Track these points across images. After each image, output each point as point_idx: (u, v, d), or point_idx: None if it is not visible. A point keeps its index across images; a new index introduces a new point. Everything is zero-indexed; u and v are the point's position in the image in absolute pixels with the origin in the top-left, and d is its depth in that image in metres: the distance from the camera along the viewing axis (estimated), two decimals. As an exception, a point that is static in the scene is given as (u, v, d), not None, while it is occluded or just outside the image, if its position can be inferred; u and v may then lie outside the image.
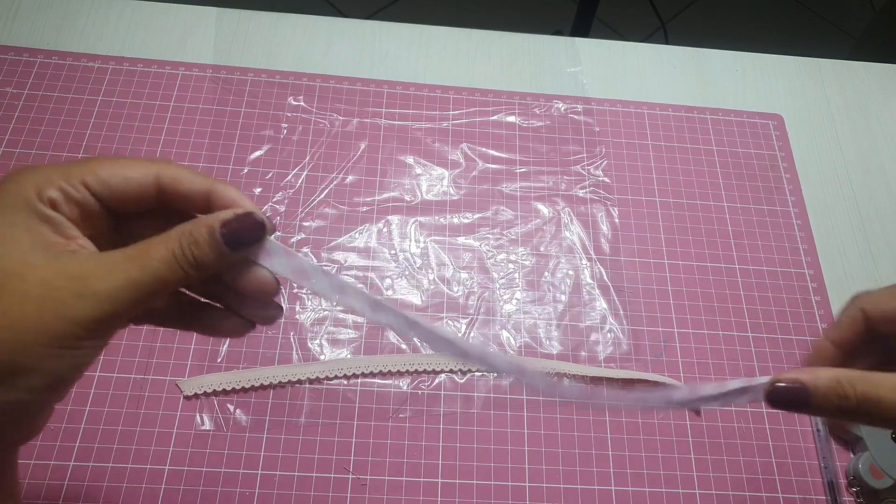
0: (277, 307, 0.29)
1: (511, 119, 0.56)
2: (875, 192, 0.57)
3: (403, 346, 0.46)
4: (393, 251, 0.49)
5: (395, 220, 0.51)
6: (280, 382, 0.43)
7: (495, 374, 0.29)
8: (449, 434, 0.43)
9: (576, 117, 0.57)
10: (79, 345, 0.23)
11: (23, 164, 0.49)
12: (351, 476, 0.41)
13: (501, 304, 0.48)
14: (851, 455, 0.44)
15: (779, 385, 0.27)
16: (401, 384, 0.45)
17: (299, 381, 0.44)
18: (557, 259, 0.50)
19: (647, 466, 0.43)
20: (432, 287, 0.48)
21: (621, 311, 0.48)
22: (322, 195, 0.51)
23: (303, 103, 0.55)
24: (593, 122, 0.57)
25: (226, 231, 0.25)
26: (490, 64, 0.60)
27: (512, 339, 0.47)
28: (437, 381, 0.45)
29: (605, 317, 0.48)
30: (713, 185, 0.55)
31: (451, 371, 0.45)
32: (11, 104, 0.52)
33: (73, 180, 0.25)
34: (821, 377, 0.27)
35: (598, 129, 0.56)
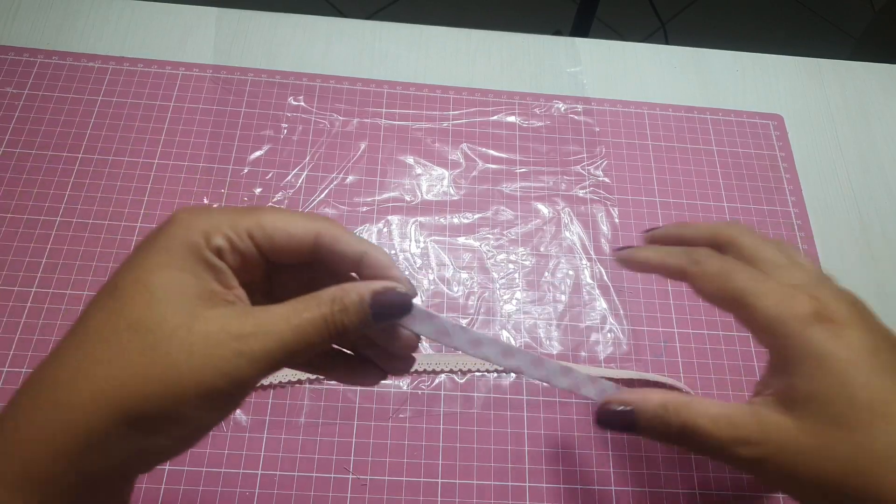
0: (412, 359, 0.30)
1: (511, 119, 0.56)
2: (875, 192, 0.57)
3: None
4: (393, 251, 0.49)
5: (395, 220, 0.51)
6: (280, 382, 0.43)
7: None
8: (449, 434, 0.43)
9: (576, 117, 0.57)
10: (230, 400, 0.24)
11: (34, 166, 0.49)
12: (351, 476, 0.41)
13: (501, 304, 0.48)
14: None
15: (608, 408, 0.28)
16: (401, 384, 0.45)
17: (299, 381, 0.44)
18: (557, 259, 0.50)
19: (647, 466, 0.43)
20: (432, 287, 0.48)
21: (621, 311, 0.48)
22: (322, 195, 0.51)
23: (303, 103, 0.55)
24: (593, 123, 0.57)
25: (375, 304, 0.26)
26: (490, 64, 0.60)
27: (512, 340, 0.47)
28: (437, 381, 0.45)
29: (605, 317, 0.48)
30: (713, 185, 0.55)
31: (450, 371, 0.45)
32: (11, 104, 0.52)
33: (239, 230, 0.25)
34: (650, 402, 0.28)
35: (598, 130, 0.57)
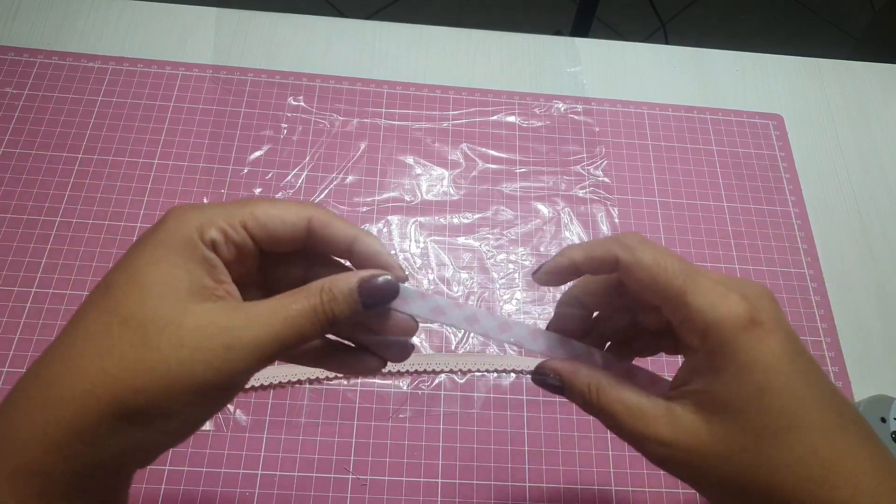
0: (411, 344, 0.30)
1: (511, 119, 0.56)
2: (875, 192, 0.57)
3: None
4: (393, 251, 0.49)
5: (395, 220, 0.51)
6: (280, 382, 0.43)
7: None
8: (449, 434, 0.43)
9: (576, 117, 0.57)
10: (221, 394, 0.24)
11: (34, 166, 0.49)
12: (351, 476, 0.41)
13: (501, 304, 0.48)
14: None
15: (542, 374, 0.29)
16: (401, 384, 0.45)
17: (299, 382, 0.44)
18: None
19: (647, 466, 0.43)
20: (432, 287, 0.48)
21: (621, 311, 0.48)
22: (322, 195, 0.51)
23: (303, 103, 0.55)
24: (593, 123, 0.57)
25: (363, 291, 0.26)
26: (490, 64, 0.60)
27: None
28: (437, 381, 0.45)
29: (605, 317, 0.48)
30: (713, 185, 0.55)
31: (450, 371, 0.45)
32: (11, 104, 0.52)
33: (234, 221, 0.26)
34: (578, 378, 0.28)
35: (597, 129, 0.57)
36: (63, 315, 0.44)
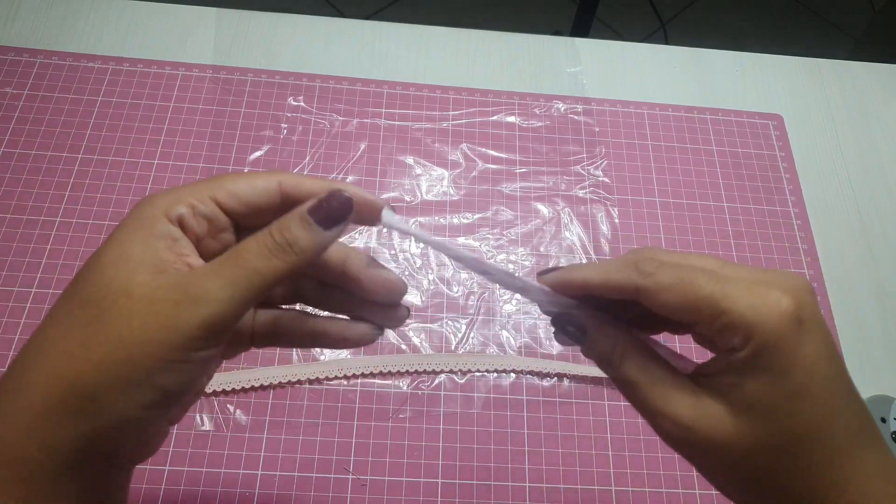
0: (405, 308, 0.29)
1: (511, 119, 0.56)
2: (875, 192, 0.57)
3: (403, 347, 0.46)
4: (393, 251, 0.49)
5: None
6: (280, 383, 0.43)
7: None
8: (449, 434, 0.43)
9: (576, 117, 0.57)
10: (185, 356, 0.23)
11: (34, 166, 0.49)
12: (351, 476, 0.41)
13: (501, 304, 0.48)
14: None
15: (564, 321, 0.27)
16: (401, 384, 0.45)
17: (299, 382, 0.44)
18: (557, 259, 0.50)
19: (647, 466, 0.43)
20: (432, 287, 0.48)
21: (621, 312, 0.48)
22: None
23: (303, 103, 0.55)
24: (593, 123, 0.57)
25: (313, 210, 0.25)
26: (490, 64, 0.60)
27: (512, 340, 0.47)
28: (436, 381, 0.45)
29: (605, 317, 0.48)
30: (713, 185, 0.55)
31: (450, 371, 0.45)
32: (11, 104, 0.52)
33: (201, 195, 0.26)
34: (606, 333, 0.27)
35: (597, 130, 0.56)
36: (63, 315, 0.44)
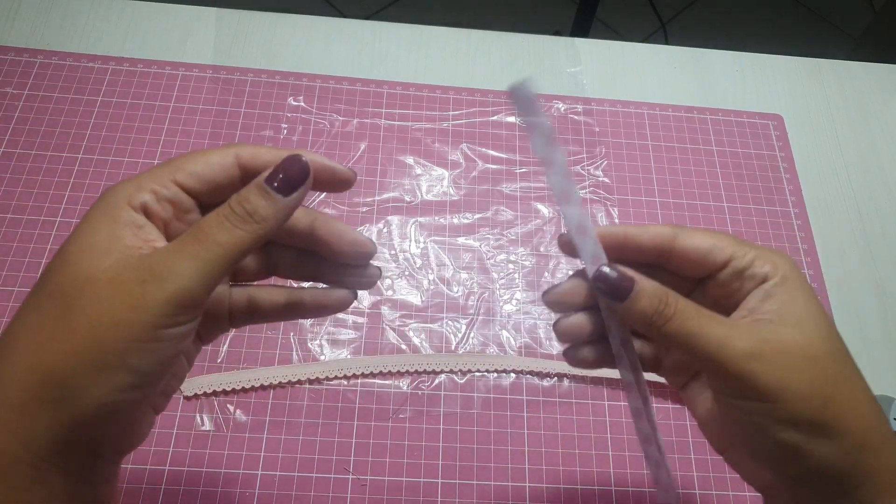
0: (376, 268, 0.30)
1: (511, 119, 0.56)
2: (875, 192, 0.57)
3: (403, 347, 0.46)
4: (393, 251, 0.49)
5: (395, 220, 0.51)
6: (280, 383, 0.43)
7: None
8: (449, 434, 0.43)
9: (576, 117, 0.57)
10: (156, 335, 0.23)
11: (34, 166, 0.49)
12: (351, 476, 0.41)
13: (501, 304, 0.48)
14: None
15: (609, 271, 0.27)
16: (401, 384, 0.45)
17: (299, 382, 0.44)
18: (557, 259, 0.50)
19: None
20: (432, 287, 0.48)
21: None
22: (322, 195, 0.51)
23: (303, 103, 0.55)
24: (593, 123, 0.57)
25: (272, 177, 0.25)
26: (490, 64, 0.60)
27: (512, 340, 0.47)
28: (437, 381, 0.45)
29: (605, 317, 0.48)
30: (713, 185, 0.55)
31: (450, 371, 0.45)
32: (11, 104, 0.52)
33: (163, 180, 0.26)
34: (651, 283, 0.27)
35: (598, 130, 0.57)
36: (63, 315, 0.44)
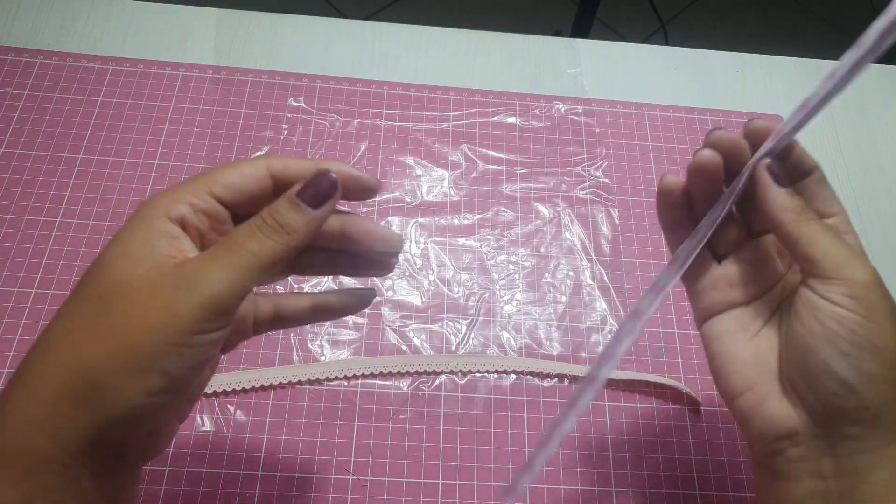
0: (397, 238, 0.31)
1: (511, 120, 0.56)
2: (875, 192, 0.57)
3: (404, 347, 0.46)
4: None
5: (395, 220, 0.51)
6: (280, 383, 0.43)
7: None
8: (449, 435, 0.43)
9: (576, 118, 0.57)
10: (188, 340, 0.24)
11: (34, 166, 0.49)
12: (351, 477, 0.41)
13: (502, 305, 0.48)
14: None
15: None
16: (401, 385, 0.45)
17: (300, 383, 0.44)
18: (558, 260, 0.50)
19: (647, 467, 0.43)
20: (433, 288, 0.48)
21: (622, 312, 0.48)
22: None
23: (303, 104, 0.55)
24: (593, 123, 0.57)
25: (303, 191, 0.27)
26: (490, 65, 0.60)
27: (512, 340, 0.47)
28: (437, 381, 0.45)
29: (606, 318, 0.48)
30: (713, 186, 0.55)
31: (451, 372, 0.45)
32: (11, 104, 0.52)
33: (199, 192, 0.27)
34: (784, 188, 0.30)
35: (598, 130, 0.56)
36: (63, 316, 0.44)
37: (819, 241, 0.29)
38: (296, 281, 0.46)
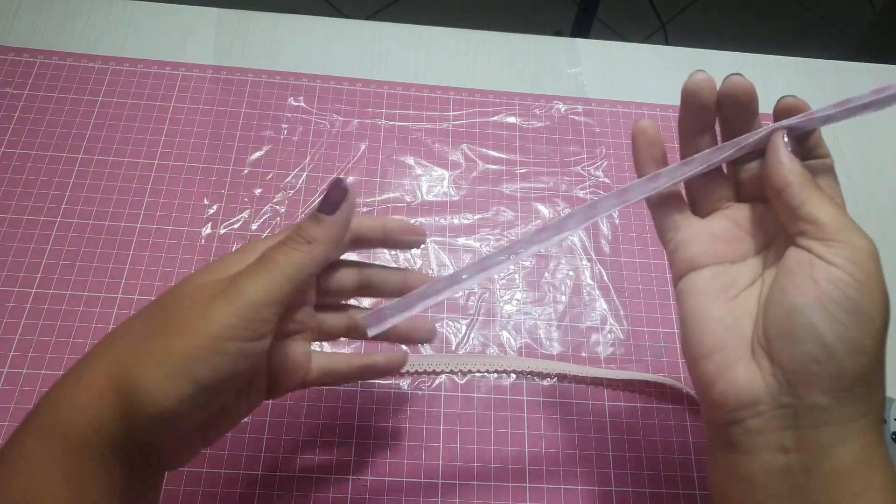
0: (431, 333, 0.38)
1: (511, 120, 0.56)
2: (875, 192, 0.57)
3: (404, 347, 0.46)
4: (393, 252, 0.49)
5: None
6: (280, 383, 0.43)
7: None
8: (449, 435, 0.43)
9: (576, 118, 0.57)
10: (218, 346, 0.26)
11: (34, 166, 0.49)
12: (351, 477, 0.41)
13: (502, 304, 0.48)
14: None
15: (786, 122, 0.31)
16: (401, 385, 0.45)
17: (299, 382, 0.44)
18: (558, 260, 0.50)
19: (647, 467, 0.43)
20: (432, 288, 0.48)
21: (621, 312, 0.48)
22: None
23: (303, 104, 0.55)
24: (593, 123, 0.57)
25: (320, 204, 0.30)
26: (490, 64, 0.60)
27: (512, 340, 0.47)
28: (437, 381, 0.45)
29: (606, 317, 0.48)
30: (713, 186, 0.55)
31: (451, 372, 0.45)
32: (11, 104, 0.52)
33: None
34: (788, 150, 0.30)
35: (598, 130, 0.57)
36: (63, 316, 0.44)
37: (825, 204, 0.28)
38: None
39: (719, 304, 0.30)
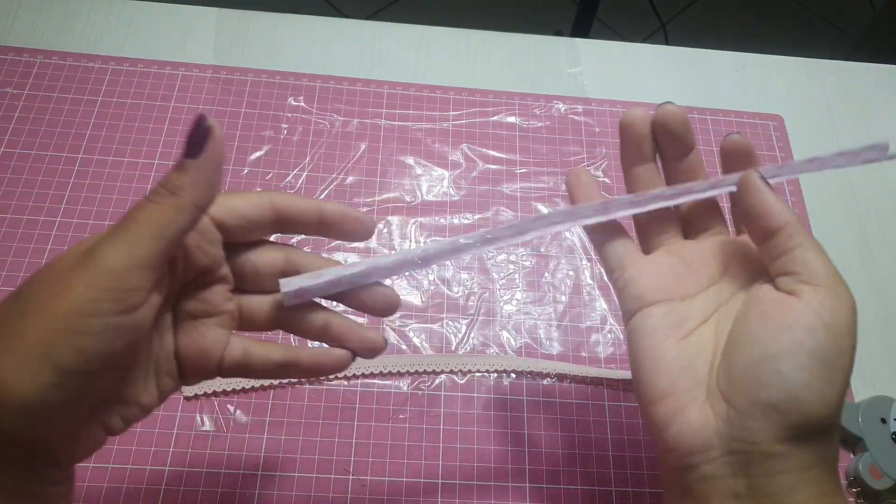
0: (384, 339, 0.31)
1: (511, 120, 0.56)
2: (875, 192, 0.57)
3: (403, 347, 0.46)
4: (393, 252, 0.49)
5: (395, 220, 0.51)
6: (280, 383, 0.43)
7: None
8: (449, 435, 0.43)
9: (576, 118, 0.57)
10: (78, 324, 0.22)
11: (34, 166, 0.49)
12: (351, 477, 0.41)
13: (502, 304, 0.48)
14: (851, 455, 0.44)
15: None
16: (401, 385, 0.45)
17: (299, 382, 0.44)
18: (558, 260, 0.50)
19: (647, 467, 0.43)
20: (432, 288, 0.48)
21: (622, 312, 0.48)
22: (322, 196, 0.51)
23: (303, 104, 0.55)
24: (593, 123, 0.57)
25: (184, 149, 0.25)
26: (490, 64, 0.60)
27: (512, 340, 0.47)
28: (437, 381, 0.45)
29: (606, 317, 0.48)
30: (713, 186, 0.55)
31: (451, 372, 0.45)
32: (11, 104, 0.52)
33: None
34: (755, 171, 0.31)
35: (598, 130, 0.56)
36: (63, 315, 0.44)
37: (819, 251, 0.29)
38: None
39: (671, 343, 0.30)
